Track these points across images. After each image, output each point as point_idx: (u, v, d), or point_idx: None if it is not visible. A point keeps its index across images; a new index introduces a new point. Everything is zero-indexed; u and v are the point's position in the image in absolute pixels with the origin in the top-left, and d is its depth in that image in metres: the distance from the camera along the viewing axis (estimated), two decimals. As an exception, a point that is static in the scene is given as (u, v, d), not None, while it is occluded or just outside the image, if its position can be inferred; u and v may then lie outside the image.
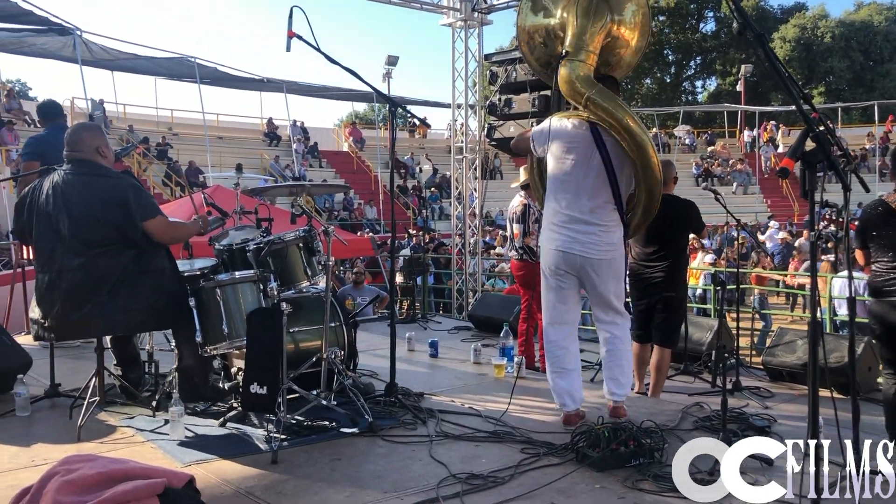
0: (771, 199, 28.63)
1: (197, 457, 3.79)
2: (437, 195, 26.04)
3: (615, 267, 4.37)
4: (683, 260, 5.27)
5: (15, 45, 17.03)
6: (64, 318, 4.04)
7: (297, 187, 4.92)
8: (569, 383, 4.40)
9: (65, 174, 4.15)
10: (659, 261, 5.14)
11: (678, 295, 5.22)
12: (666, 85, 43.97)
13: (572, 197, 4.31)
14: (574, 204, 4.30)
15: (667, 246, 5.14)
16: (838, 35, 39.16)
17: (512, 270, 6.65)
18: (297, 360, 4.43)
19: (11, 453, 3.88)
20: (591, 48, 4.40)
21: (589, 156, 4.28)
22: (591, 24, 4.42)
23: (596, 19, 4.44)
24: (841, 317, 8.72)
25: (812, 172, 2.39)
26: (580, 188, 4.29)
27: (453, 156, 11.11)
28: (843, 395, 5.10)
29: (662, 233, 5.10)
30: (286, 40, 4.40)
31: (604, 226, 4.29)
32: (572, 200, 4.30)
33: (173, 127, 26.30)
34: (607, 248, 4.30)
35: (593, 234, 4.28)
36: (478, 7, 10.25)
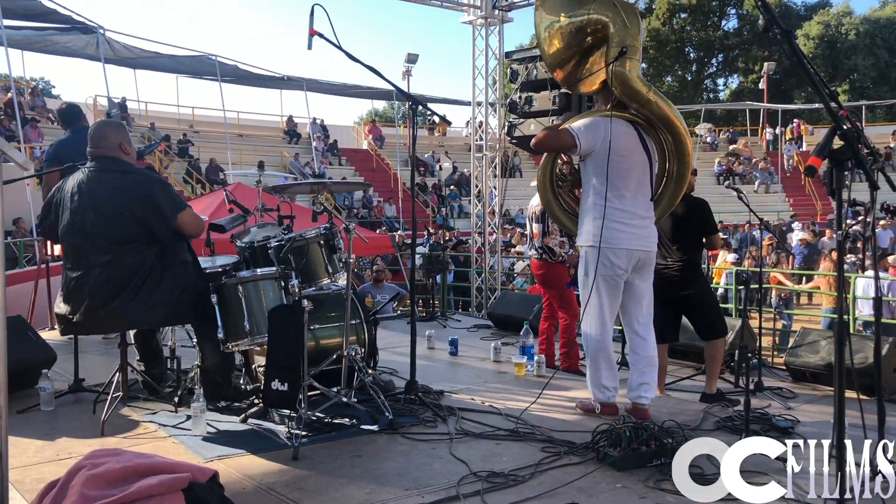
0: (793, 198, 28.35)
1: (219, 452, 3.82)
2: (457, 193, 26.03)
3: (654, 259, 4.62)
4: (698, 258, 5.23)
5: (39, 43, 17.21)
6: (91, 313, 4.08)
7: (318, 185, 4.93)
8: (611, 376, 4.60)
9: (89, 171, 4.19)
10: (673, 260, 5.10)
11: (696, 291, 5.16)
12: (687, 83, 43.64)
13: (630, 194, 4.45)
14: (632, 200, 4.46)
15: (681, 243, 5.11)
16: (863, 32, 38.67)
17: (532, 269, 6.59)
18: (317, 357, 4.45)
19: (37, 447, 3.92)
20: (638, 46, 4.46)
21: (640, 154, 4.51)
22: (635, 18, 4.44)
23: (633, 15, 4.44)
24: (863, 317, 8.63)
25: (840, 171, 2.36)
26: (637, 185, 4.49)
27: (473, 154, 11.09)
28: (869, 396, 5.05)
29: (677, 230, 5.11)
30: (307, 38, 4.40)
31: (652, 218, 4.58)
32: (630, 197, 4.45)
33: (194, 125, 26.48)
34: (655, 240, 4.61)
35: (648, 228, 4.53)
36: (498, 4, 10.22)
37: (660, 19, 40.27)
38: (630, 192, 4.44)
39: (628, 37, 4.35)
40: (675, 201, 4.74)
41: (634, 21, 4.41)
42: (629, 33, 4.36)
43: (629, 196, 4.43)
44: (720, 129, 35.02)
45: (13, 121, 16.12)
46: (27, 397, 4.71)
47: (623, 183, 4.42)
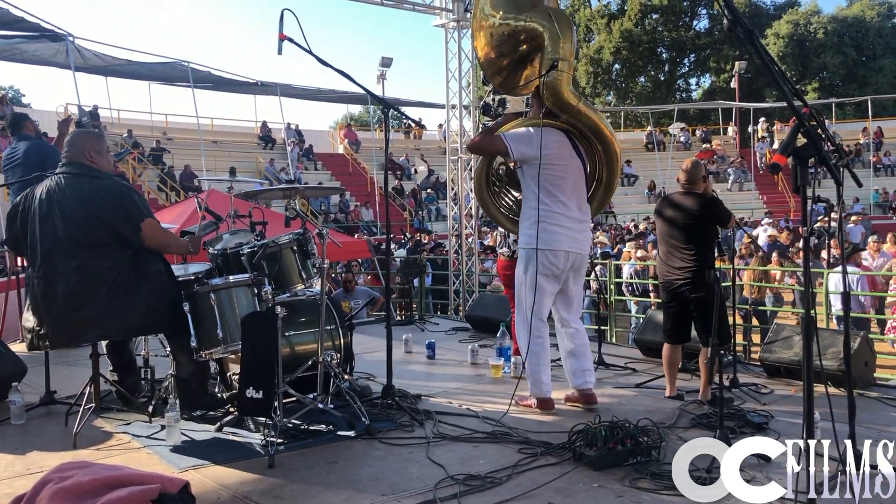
0: (767, 195, 28.68)
1: (193, 462, 3.78)
2: (434, 196, 26.03)
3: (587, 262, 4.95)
4: (709, 257, 5.16)
5: (7, 51, 16.96)
6: (62, 322, 4.01)
7: (291, 190, 4.90)
8: (548, 373, 4.83)
9: (58, 178, 4.15)
10: (684, 260, 5.03)
11: (707, 295, 5.04)
12: (660, 83, 43.99)
13: (566, 199, 4.70)
14: (568, 205, 4.70)
15: (691, 243, 5.04)
16: (831, 31, 39.22)
17: (498, 270, 6.54)
18: (292, 363, 4.43)
19: (7, 462, 3.86)
20: (570, 58, 4.58)
21: (573, 160, 4.76)
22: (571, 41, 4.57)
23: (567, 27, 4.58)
24: (836, 312, 8.72)
25: (804, 168, 2.39)
26: (572, 190, 4.73)
27: (448, 157, 11.10)
28: (841, 390, 5.11)
29: (687, 230, 5.03)
30: (277, 43, 4.39)
31: (588, 223, 4.86)
32: (566, 202, 4.70)
33: (168, 131, 26.27)
34: (588, 241, 4.90)
35: (584, 232, 4.81)
36: (470, 8, 10.24)
37: (632, 20, 40.57)
38: (566, 196, 4.69)
39: (560, 49, 4.52)
40: (605, 205, 5.17)
41: (567, 33, 4.56)
42: (561, 46, 4.53)
43: (565, 201, 4.70)
44: (693, 128, 35.34)
45: (-18, 130, 15.90)
46: (-3, 411, 4.65)
47: (559, 189, 4.70)
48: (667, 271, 5.14)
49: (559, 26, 4.53)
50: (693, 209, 5.00)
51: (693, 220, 5.01)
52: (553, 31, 4.53)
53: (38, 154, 6.48)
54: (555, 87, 4.53)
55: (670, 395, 5.15)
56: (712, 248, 5.11)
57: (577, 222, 4.72)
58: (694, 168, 5.20)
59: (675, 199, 5.16)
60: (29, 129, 6.85)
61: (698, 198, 5.06)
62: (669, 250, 5.12)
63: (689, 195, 5.09)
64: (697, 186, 5.14)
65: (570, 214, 4.69)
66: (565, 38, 4.52)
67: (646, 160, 31.06)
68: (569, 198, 4.70)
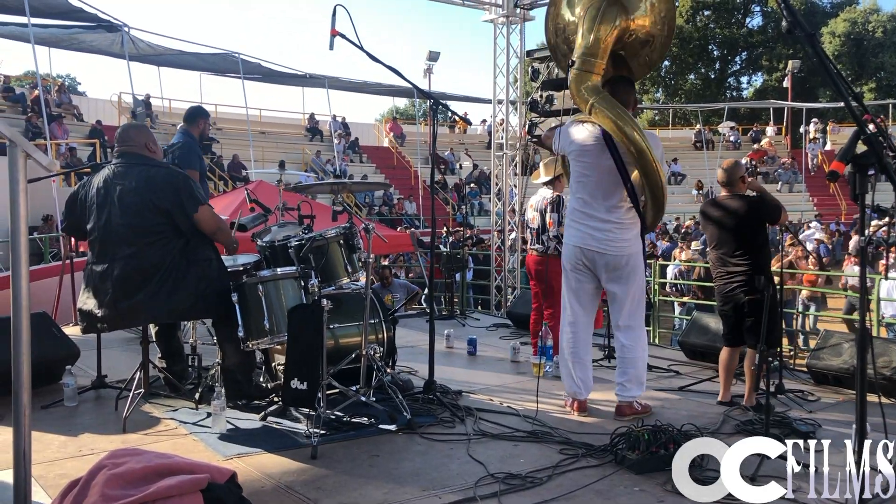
0: (817, 198, 28.04)
1: (238, 450, 3.85)
2: (477, 191, 26.01)
3: (632, 265, 4.59)
4: (763, 259, 5.05)
5: (65, 41, 17.43)
6: (114, 305, 4.13)
7: (339, 185, 4.95)
8: (584, 373, 4.71)
9: (115, 167, 4.27)
10: (738, 264, 4.94)
11: (760, 297, 4.93)
12: (710, 81, 43.24)
13: (588, 197, 4.61)
14: (590, 203, 4.60)
15: (743, 246, 4.94)
16: (890, 30, 38.13)
17: (530, 265, 6.31)
18: (336, 356, 4.48)
19: (60, 442, 3.98)
20: (599, 56, 4.54)
21: (600, 158, 4.53)
22: (597, 29, 4.52)
23: (604, 23, 4.52)
24: (887, 319, 8.51)
25: (863, 176, 2.33)
26: (595, 188, 4.58)
27: (493, 152, 11.08)
28: (892, 399, 5.00)
29: (737, 233, 4.93)
30: (329, 39, 4.43)
31: (619, 223, 4.56)
32: (588, 200, 4.61)
33: (217, 121, 26.65)
34: (623, 245, 4.55)
35: (609, 231, 4.55)
36: (520, 3, 10.19)
37: (683, 17, 39.91)
38: (588, 194, 4.60)
39: (577, 49, 4.58)
40: (657, 208, 4.64)
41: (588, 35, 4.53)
42: (579, 45, 4.57)
43: (586, 198, 4.61)
44: (743, 127, 34.68)
45: (40, 117, 16.34)
46: (51, 393, 4.78)
47: (581, 186, 4.64)
48: (720, 276, 5.05)
49: (586, 25, 4.54)
50: (740, 211, 4.90)
51: (742, 223, 4.91)
52: (581, 29, 4.58)
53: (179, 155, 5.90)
54: (571, 84, 4.58)
55: (722, 399, 5.03)
56: (765, 249, 5.02)
57: (600, 221, 4.55)
58: (733, 168, 5.08)
59: (721, 202, 5.06)
60: (198, 127, 6.22)
61: (743, 199, 4.96)
62: (721, 255, 5.02)
63: (735, 197, 4.98)
64: (738, 188, 5.02)
65: (591, 212, 4.57)
66: (583, 38, 4.54)
67: (694, 158, 30.58)
68: (592, 195, 4.58)
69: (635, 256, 4.61)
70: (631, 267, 4.59)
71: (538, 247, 6.09)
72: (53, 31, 16.10)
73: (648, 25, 4.68)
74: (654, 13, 4.66)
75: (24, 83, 24.67)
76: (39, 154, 2.24)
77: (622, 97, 4.56)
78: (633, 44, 4.76)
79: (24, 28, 14.05)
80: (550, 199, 6.00)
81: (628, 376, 4.61)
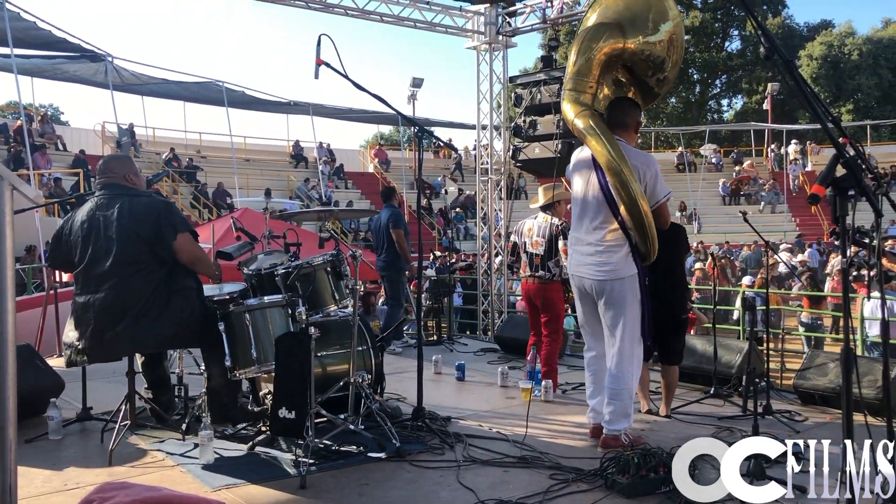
0: (800, 218, 28.31)
1: (226, 481, 3.81)
2: (463, 215, 26.07)
3: (618, 290, 4.34)
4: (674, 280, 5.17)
5: (49, 71, 17.42)
6: (98, 336, 4.11)
7: (325, 212, 4.96)
8: (592, 397, 4.70)
9: (98, 199, 4.28)
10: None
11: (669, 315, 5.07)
12: (691, 104, 43.77)
13: (576, 219, 4.58)
14: (577, 226, 4.56)
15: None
16: (866, 52, 38.77)
17: (531, 293, 6.05)
18: (324, 384, 4.46)
19: (45, 477, 3.92)
20: (588, 80, 4.54)
21: (588, 179, 4.47)
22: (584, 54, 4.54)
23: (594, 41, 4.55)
24: (871, 338, 8.56)
25: (843, 199, 2.37)
26: (583, 210, 4.51)
27: (478, 177, 11.14)
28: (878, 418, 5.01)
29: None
30: (314, 68, 4.46)
31: (600, 244, 4.38)
32: (577, 223, 4.58)
33: (202, 149, 26.65)
34: (607, 269, 4.35)
35: (591, 256, 4.43)
36: (502, 30, 10.31)
37: (663, 41, 40.43)
38: (577, 217, 4.57)
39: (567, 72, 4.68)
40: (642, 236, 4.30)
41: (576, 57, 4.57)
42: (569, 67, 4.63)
43: (576, 222, 4.59)
44: (725, 149, 35.06)
45: (22, 147, 16.27)
46: (35, 426, 4.72)
47: (573, 209, 4.63)
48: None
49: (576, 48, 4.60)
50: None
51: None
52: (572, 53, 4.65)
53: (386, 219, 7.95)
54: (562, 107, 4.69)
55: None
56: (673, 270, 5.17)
57: (584, 244, 4.44)
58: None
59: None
60: (396, 200, 8.46)
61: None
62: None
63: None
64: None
65: (579, 236, 4.51)
66: (571, 63, 4.59)
67: (677, 181, 30.84)
68: (579, 217, 4.51)
69: (623, 282, 4.33)
70: (618, 293, 4.33)
71: (542, 273, 5.91)
72: (36, 62, 16.09)
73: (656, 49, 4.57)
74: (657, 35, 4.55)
75: (6, 113, 24.63)
76: (26, 186, 2.23)
77: (620, 119, 4.52)
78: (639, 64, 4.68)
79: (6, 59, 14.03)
80: (561, 225, 5.82)
81: (613, 408, 4.38)
